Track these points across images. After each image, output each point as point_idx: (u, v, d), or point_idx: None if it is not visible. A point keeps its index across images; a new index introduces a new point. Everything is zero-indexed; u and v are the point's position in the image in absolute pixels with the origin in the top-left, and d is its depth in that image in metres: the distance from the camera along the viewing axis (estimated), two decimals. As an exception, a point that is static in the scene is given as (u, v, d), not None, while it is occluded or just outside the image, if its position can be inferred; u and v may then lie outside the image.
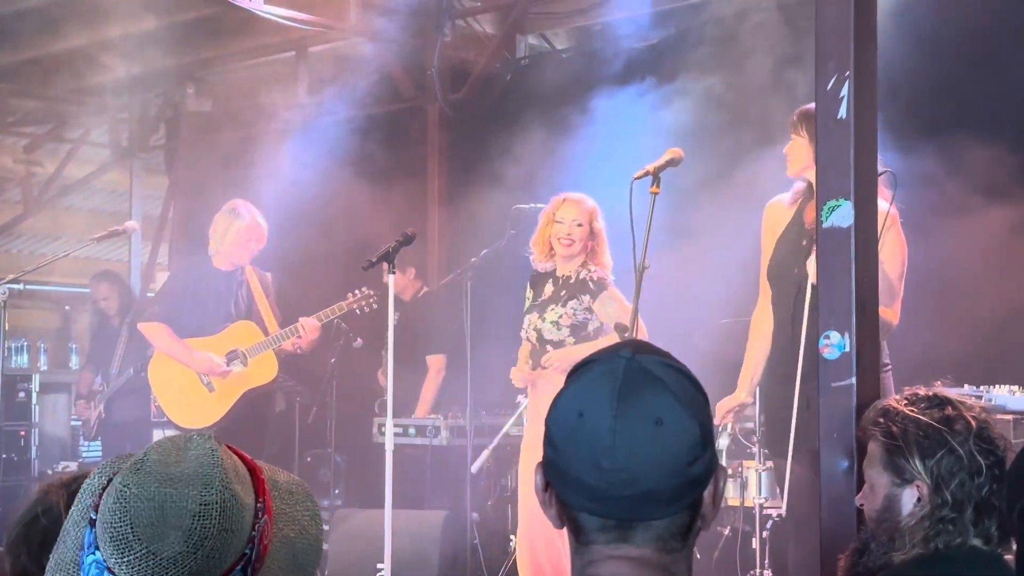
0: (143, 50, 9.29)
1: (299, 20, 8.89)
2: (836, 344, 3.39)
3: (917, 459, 2.52)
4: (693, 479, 1.66)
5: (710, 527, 1.81)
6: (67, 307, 14.42)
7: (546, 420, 1.72)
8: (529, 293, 6.31)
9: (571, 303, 6.06)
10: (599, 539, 1.68)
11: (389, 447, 5.82)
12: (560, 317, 6.05)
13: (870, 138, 3.51)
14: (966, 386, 5.41)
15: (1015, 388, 5.39)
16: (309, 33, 9.52)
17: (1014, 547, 2.53)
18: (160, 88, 10.85)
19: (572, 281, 6.10)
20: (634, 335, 4.96)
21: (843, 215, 3.40)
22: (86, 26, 9.37)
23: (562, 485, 1.68)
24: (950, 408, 2.57)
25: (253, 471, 1.82)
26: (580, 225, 6.10)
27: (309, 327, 6.96)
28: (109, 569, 1.71)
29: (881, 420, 2.58)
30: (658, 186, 4.99)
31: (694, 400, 1.68)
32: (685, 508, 1.68)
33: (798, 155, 5.07)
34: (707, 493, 1.70)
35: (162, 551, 1.69)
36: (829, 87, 3.43)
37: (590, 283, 6.04)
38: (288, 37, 9.65)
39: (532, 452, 6.12)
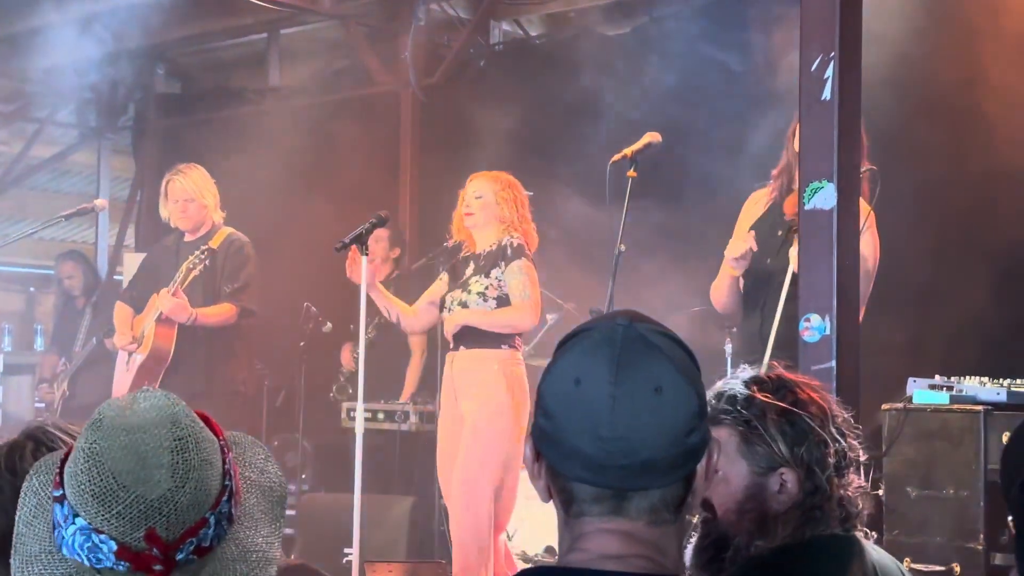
0: (112, 29, 9.19)
1: (272, 1, 8.83)
2: (816, 327, 3.37)
3: (783, 445, 2.44)
4: (691, 449, 1.64)
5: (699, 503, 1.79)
6: (32, 288, 14.31)
7: (539, 388, 1.69)
8: (443, 275, 6.19)
9: (493, 271, 5.92)
10: (592, 510, 1.65)
11: (359, 431, 5.77)
12: (487, 288, 5.91)
13: (854, 120, 3.50)
14: (936, 376, 5.43)
15: (985, 379, 5.40)
16: (282, 15, 9.45)
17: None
18: (129, 69, 10.73)
19: (492, 250, 5.97)
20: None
21: (825, 197, 3.38)
22: (55, 4, 9.26)
23: (556, 455, 1.65)
24: (800, 392, 2.50)
25: (206, 419, 1.81)
26: (479, 197, 6.01)
27: (159, 301, 6.58)
28: (96, 530, 1.67)
29: (728, 407, 2.47)
30: (635, 170, 4.98)
31: (691, 370, 1.67)
32: (681, 479, 1.66)
33: None
34: (700, 467, 1.68)
35: (150, 492, 1.67)
36: (813, 68, 3.41)
37: (508, 249, 5.90)
38: (260, 19, 9.56)
39: (446, 431, 6.05)
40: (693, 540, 2.47)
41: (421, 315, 6.28)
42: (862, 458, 2.57)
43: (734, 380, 2.54)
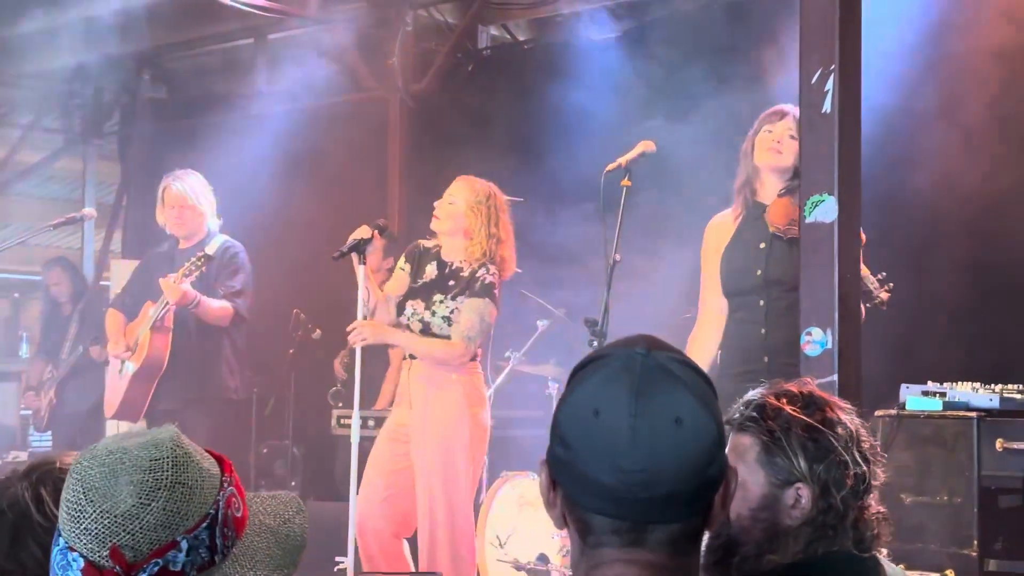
0: (98, 34, 9.15)
1: (258, 6, 8.79)
2: (818, 340, 3.36)
3: (802, 461, 2.45)
4: (710, 480, 1.62)
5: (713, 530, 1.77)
6: (16, 294, 14.25)
7: (556, 417, 1.66)
8: (404, 265, 6.05)
9: (460, 299, 5.82)
10: (611, 541, 1.62)
11: (355, 439, 5.75)
12: (451, 312, 5.81)
13: (854, 133, 3.49)
14: (929, 383, 5.43)
15: (977, 385, 5.41)
16: (268, 20, 9.41)
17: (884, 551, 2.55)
18: (115, 74, 10.69)
19: (465, 275, 5.86)
20: (604, 329, 4.92)
21: (827, 210, 3.38)
22: (40, 9, 9.21)
23: (574, 485, 1.62)
24: (829, 411, 2.51)
25: (220, 459, 1.79)
26: (452, 204, 5.90)
27: (165, 288, 6.50)
28: (71, 548, 1.67)
29: (756, 415, 2.50)
30: (629, 179, 4.96)
31: (709, 398, 1.64)
32: (700, 511, 1.64)
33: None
34: (717, 496, 1.65)
35: (115, 508, 1.65)
36: (813, 81, 3.40)
37: (479, 284, 5.80)
38: (247, 24, 9.53)
39: (386, 436, 6.00)
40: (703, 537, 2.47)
41: (388, 304, 6.13)
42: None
43: (764, 390, 2.56)
